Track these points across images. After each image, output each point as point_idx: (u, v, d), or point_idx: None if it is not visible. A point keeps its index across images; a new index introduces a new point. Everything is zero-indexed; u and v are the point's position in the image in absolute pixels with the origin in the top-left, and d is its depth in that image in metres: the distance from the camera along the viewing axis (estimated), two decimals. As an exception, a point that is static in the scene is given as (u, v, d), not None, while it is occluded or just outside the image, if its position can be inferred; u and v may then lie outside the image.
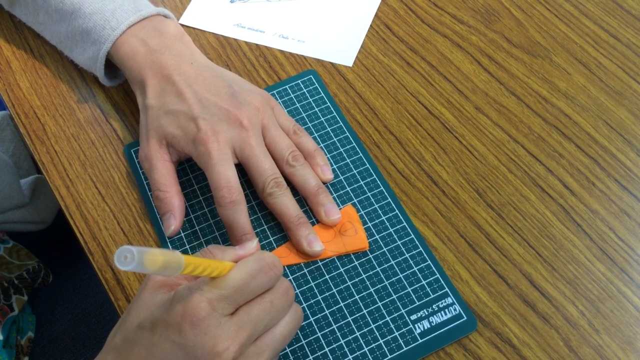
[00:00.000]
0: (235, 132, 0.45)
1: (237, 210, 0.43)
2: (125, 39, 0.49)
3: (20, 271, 0.70)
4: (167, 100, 0.46)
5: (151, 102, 0.47)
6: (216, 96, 0.46)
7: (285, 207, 0.45)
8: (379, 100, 0.54)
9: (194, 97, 0.46)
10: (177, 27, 0.51)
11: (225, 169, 0.43)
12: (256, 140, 0.45)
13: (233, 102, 0.46)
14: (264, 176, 0.45)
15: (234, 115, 0.45)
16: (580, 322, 0.44)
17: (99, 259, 0.47)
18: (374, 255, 0.46)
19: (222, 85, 0.47)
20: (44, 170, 0.51)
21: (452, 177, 0.50)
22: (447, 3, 0.60)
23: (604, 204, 0.48)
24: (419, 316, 0.43)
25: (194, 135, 0.44)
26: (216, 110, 0.45)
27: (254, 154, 0.45)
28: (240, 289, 0.35)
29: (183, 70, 0.47)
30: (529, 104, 0.53)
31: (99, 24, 0.49)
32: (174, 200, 0.45)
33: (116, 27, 0.49)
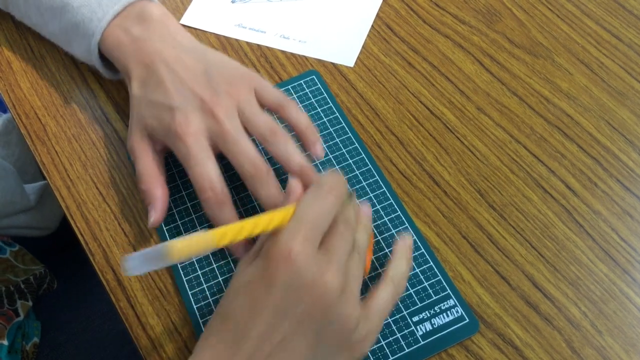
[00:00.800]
0: (208, 122, 0.44)
1: (223, 210, 0.43)
2: (110, 30, 0.49)
3: (26, 276, 0.70)
4: (149, 90, 0.46)
5: (135, 91, 0.47)
6: (194, 82, 0.45)
7: (266, 199, 0.43)
8: (380, 101, 0.54)
9: (172, 85, 0.45)
10: (161, 10, 0.50)
11: (206, 168, 0.43)
12: (231, 125, 0.44)
13: (209, 89, 0.45)
14: (240, 162, 0.43)
15: (207, 104, 0.44)
16: (582, 324, 0.43)
17: (99, 260, 0.47)
18: (375, 257, 0.45)
19: (202, 70, 0.46)
20: (45, 171, 0.51)
21: (454, 177, 0.50)
22: (448, 3, 0.60)
23: (607, 204, 0.48)
24: (421, 318, 0.43)
25: (169, 126, 0.44)
26: (192, 98, 0.45)
27: (228, 140, 0.43)
28: (318, 217, 0.37)
29: (165, 55, 0.47)
30: (530, 104, 0.53)
31: (86, 17, 0.49)
32: (156, 191, 0.45)
33: (102, 18, 0.49)
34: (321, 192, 0.38)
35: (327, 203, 0.38)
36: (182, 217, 0.48)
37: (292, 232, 0.36)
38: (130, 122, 0.47)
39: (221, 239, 0.31)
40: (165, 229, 0.47)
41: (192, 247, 0.29)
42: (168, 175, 0.50)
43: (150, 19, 0.49)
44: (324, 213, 0.37)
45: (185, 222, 0.47)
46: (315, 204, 0.38)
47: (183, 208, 0.48)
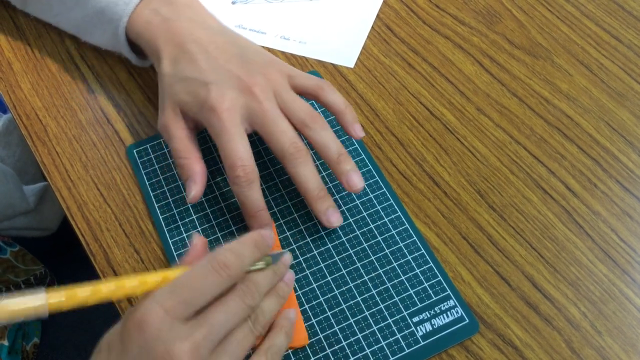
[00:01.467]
0: (246, 100, 0.44)
1: (252, 189, 0.43)
2: (138, 11, 0.48)
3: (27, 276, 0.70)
4: (181, 68, 0.45)
5: (166, 69, 0.46)
6: (228, 62, 0.45)
7: (305, 178, 0.43)
8: (380, 102, 0.54)
9: (206, 63, 0.45)
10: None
11: (239, 145, 0.42)
12: (269, 105, 0.44)
13: (245, 69, 0.45)
14: (281, 142, 0.43)
15: (245, 82, 0.44)
16: (582, 324, 0.44)
17: (100, 261, 0.47)
18: (376, 257, 0.45)
19: (235, 53, 0.46)
20: (46, 172, 0.51)
21: (454, 178, 0.50)
22: (448, 4, 0.60)
23: (606, 205, 0.48)
24: (421, 318, 0.43)
25: (204, 101, 0.43)
26: (228, 76, 0.44)
27: (267, 118, 0.43)
28: (191, 290, 0.34)
29: (196, 36, 0.46)
30: (530, 105, 0.53)
31: (111, 1, 0.49)
32: (194, 166, 0.44)
33: (129, 2, 0.48)
34: (208, 269, 0.35)
35: (210, 282, 0.35)
36: (182, 217, 0.48)
37: (153, 300, 0.34)
38: (161, 101, 0.46)
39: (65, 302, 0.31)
40: (166, 230, 0.47)
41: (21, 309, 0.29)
42: (168, 175, 0.50)
43: (179, 1, 0.48)
44: (203, 290, 0.35)
45: (185, 222, 0.48)
46: (195, 278, 0.35)
47: (184, 209, 0.48)
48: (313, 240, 0.46)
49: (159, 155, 0.51)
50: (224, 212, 0.48)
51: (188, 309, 0.34)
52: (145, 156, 0.51)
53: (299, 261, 0.45)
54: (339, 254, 0.46)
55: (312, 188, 0.44)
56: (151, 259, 0.47)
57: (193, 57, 0.45)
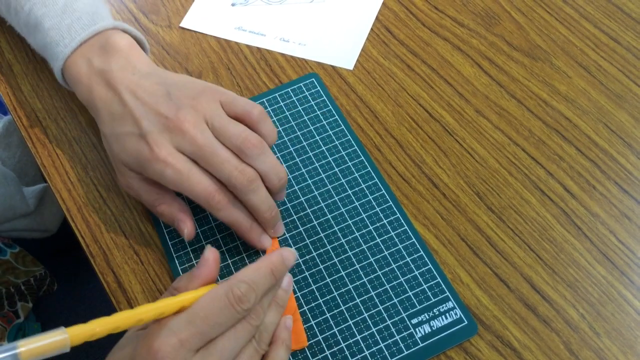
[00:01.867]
0: (180, 139, 0.42)
1: (235, 207, 0.43)
2: (74, 59, 0.48)
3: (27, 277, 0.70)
4: (116, 123, 0.45)
5: (104, 129, 0.46)
6: (155, 104, 0.44)
7: (256, 205, 0.43)
8: (379, 104, 0.54)
9: (136, 111, 0.44)
10: (128, 41, 0.48)
11: (199, 177, 0.42)
12: (203, 137, 0.42)
13: (173, 108, 0.43)
14: (226, 171, 0.42)
15: (173, 122, 0.43)
16: (581, 326, 0.44)
17: (100, 262, 0.47)
18: (375, 259, 0.46)
19: (161, 93, 0.45)
20: (46, 174, 0.52)
21: (453, 180, 0.50)
22: (447, 6, 0.60)
23: (605, 207, 0.49)
24: (419, 320, 0.43)
25: (144, 156, 0.43)
26: (157, 120, 0.43)
27: (205, 152, 0.42)
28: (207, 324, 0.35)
29: (125, 83, 0.45)
30: (529, 107, 0.54)
31: (54, 40, 0.48)
32: (171, 207, 0.45)
33: (68, 44, 0.48)
34: (225, 303, 0.35)
35: (226, 316, 0.35)
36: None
37: (169, 331, 0.34)
38: (112, 161, 0.47)
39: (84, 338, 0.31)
40: (166, 232, 0.47)
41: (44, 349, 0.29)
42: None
43: (114, 50, 0.47)
44: (219, 324, 0.35)
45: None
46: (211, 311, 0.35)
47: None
48: (312, 242, 0.46)
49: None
50: (223, 214, 0.48)
51: (202, 341, 0.35)
52: (145, 158, 0.51)
53: (298, 263, 0.46)
54: (338, 255, 0.46)
55: (265, 210, 0.44)
56: (151, 260, 0.47)
57: (123, 106, 0.44)
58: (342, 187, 0.49)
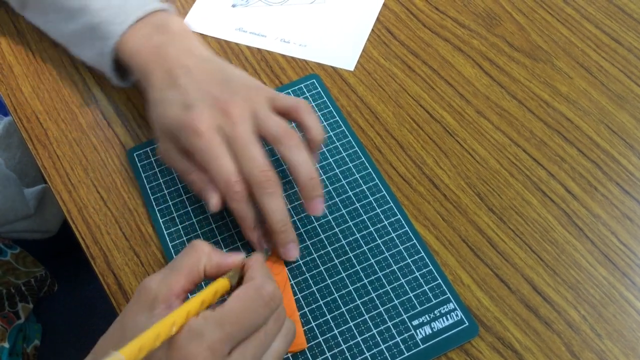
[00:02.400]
0: (223, 121, 0.44)
1: (249, 203, 0.43)
2: (131, 34, 0.49)
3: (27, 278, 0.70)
4: (166, 92, 0.46)
5: (153, 95, 0.47)
6: (210, 85, 0.46)
7: (271, 211, 0.43)
8: (380, 105, 0.54)
9: (189, 86, 0.45)
10: (182, 23, 0.51)
11: (228, 162, 0.43)
12: (243, 128, 0.44)
13: (225, 91, 0.45)
14: (251, 167, 0.43)
15: (222, 103, 0.44)
16: (582, 327, 0.44)
17: (100, 264, 0.47)
18: (375, 260, 0.45)
19: (219, 78, 0.46)
20: (46, 175, 0.51)
21: (454, 181, 0.50)
22: (448, 7, 0.60)
23: (606, 208, 0.48)
24: (420, 321, 0.43)
25: (185, 123, 0.44)
26: (208, 97, 0.45)
27: (240, 143, 0.43)
28: (240, 326, 0.34)
29: (184, 63, 0.47)
30: (530, 107, 0.53)
31: (106, 20, 0.50)
32: (202, 177, 0.45)
33: (123, 22, 0.49)
34: (259, 300, 0.35)
35: (260, 314, 0.35)
36: (182, 221, 0.48)
37: (200, 337, 0.33)
38: (153, 127, 0.47)
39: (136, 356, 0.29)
40: (166, 233, 0.47)
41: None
42: (168, 178, 0.50)
43: (172, 29, 0.49)
44: (250, 324, 0.34)
45: (185, 225, 0.48)
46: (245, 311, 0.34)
47: (184, 212, 0.48)
48: (313, 244, 0.46)
49: (159, 159, 0.51)
50: (223, 216, 0.48)
51: (233, 344, 0.34)
52: (145, 159, 0.51)
53: (299, 264, 0.46)
54: (339, 257, 0.46)
55: (277, 220, 0.43)
56: (151, 262, 0.47)
57: (177, 81, 0.46)
58: (342, 188, 0.49)
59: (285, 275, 0.44)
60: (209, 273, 0.37)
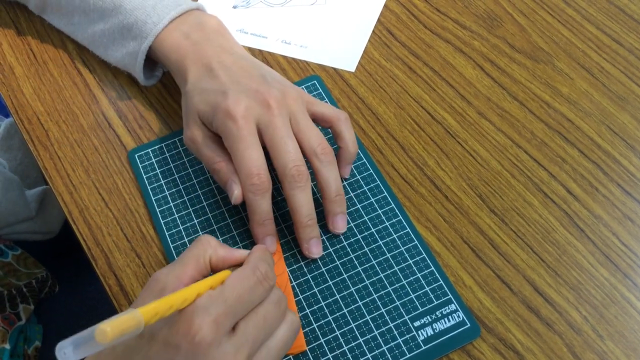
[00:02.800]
0: (261, 111, 0.44)
1: (264, 198, 0.43)
2: (167, 32, 0.50)
3: (29, 279, 0.70)
4: (203, 83, 0.47)
5: (189, 87, 0.47)
6: (249, 79, 0.46)
7: (299, 204, 0.44)
8: (381, 106, 0.54)
9: (227, 78, 0.46)
10: (217, 22, 0.51)
11: (256, 153, 0.43)
12: (282, 121, 0.44)
13: (264, 84, 0.46)
14: (286, 160, 0.43)
15: (262, 95, 0.45)
16: (584, 328, 0.44)
17: (102, 265, 0.47)
18: (377, 262, 0.45)
19: (257, 73, 0.47)
20: (47, 177, 0.51)
21: (455, 182, 0.50)
22: (449, 8, 0.60)
23: (607, 209, 0.48)
24: (422, 322, 0.43)
25: (220, 106, 0.44)
26: (246, 89, 0.45)
27: (277, 135, 0.44)
28: (240, 302, 0.35)
29: (222, 59, 0.48)
30: (531, 109, 0.53)
31: (140, 19, 0.50)
32: (228, 167, 0.45)
33: (158, 22, 0.50)
34: (253, 277, 0.36)
35: (256, 294, 0.36)
36: (183, 222, 0.48)
37: (205, 311, 0.34)
38: (184, 116, 0.48)
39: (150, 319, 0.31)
40: (168, 234, 0.47)
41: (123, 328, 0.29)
42: (169, 180, 0.50)
43: (208, 27, 0.50)
44: (248, 300, 0.35)
45: (187, 227, 0.48)
46: (243, 289, 0.35)
47: (185, 213, 0.48)
48: (314, 245, 0.46)
49: (160, 160, 0.51)
50: (225, 217, 0.48)
51: (234, 320, 0.35)
52: (146, 160, 0.51)
53: (300, 265, 0.46)
54: (340, 258, 0.46)
55: (304, 214, 0.44)
56: (152, 263, 0.47)
57: (215, 73, 0.46)
58: (344, 189, 0.49)
59: (286, 277, 0.44)
60: (214, 265, 0.38)
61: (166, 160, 0.51)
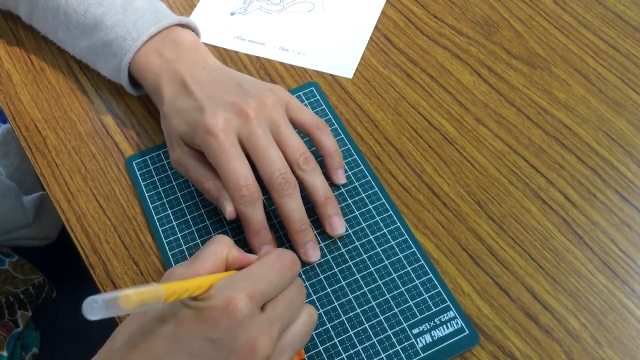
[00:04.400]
0: (241, 122, 0.44)
1: (255, 208, 0.43)
2: (144, 50, 0.50)
3: (25, 286, 0.70)
4: (179, 101, 0.47)
5: (165, 107, 0.47)
6: (224, 92, 0.46)
7: (290, 210, 0.44)
8: (379, 112, 0.54)
9: (202, 93, 0.46)
10: (191, 37, 0.51)
11: (240, 165, 0.43)
12: (262, 130, 0.44)
13: (240, 95, 0.46)
14: (272, 169, 0.44)
15: (239, 106, 0.45)
16: (582, 335, 0.44)
17: (100, 273, 0.47)
18: (375, 269, 0.45)
19: (232, 84, 0.47)
20: (45, 184, 0.51)
21: (453, 189, 0.50)
22: (446, 15, 0.60)
23: (605, 215, 0.48)
24: (420, 330, 0.43)
25: (199, 123, 0.44)
26: (222, 102, 0.45)
27: (260, 145, 0.44)
28: (272, 284, 0.36)
29: (195, 74, 0.48)
30: (528, 115, 0.54)
31: (120, 36, 0.50)
32: (217, 185, 0.45)
33: (137, 38, 0.50)
34: (280, 262, 0.37)
35: (284, 275, 0.37)
36: (181, 229, 0.48)
37: (238, 286, 0.34)
38: (167, 138, 0.48)
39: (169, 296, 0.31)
40: (166, 242, 0.47)
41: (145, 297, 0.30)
42: (167, 187, 0.50)
43: (183, 44, 0.50)
44: (276, 282, 0.36)
45: (185, 234, 0.47)
46: (271, 271, 0.36)
47: (183, 221, 0.48)
48: (312, 252, 0.46)
49: (158, 167, 0.51)
50: (223, 224, 0.48)
51: (264, 299, 0.35)
52: (144, 168, 0.51)
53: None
54: (338, 265, 0.46)
55: (297, 220, 0.44)
56: (150, 271, 0.47)
57: (190, 89, 0.46)
58: (342, 196, 0.49)
59: None
60: (230, 264, 0.39)
61: (164, 168, 0.51)
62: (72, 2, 0.52)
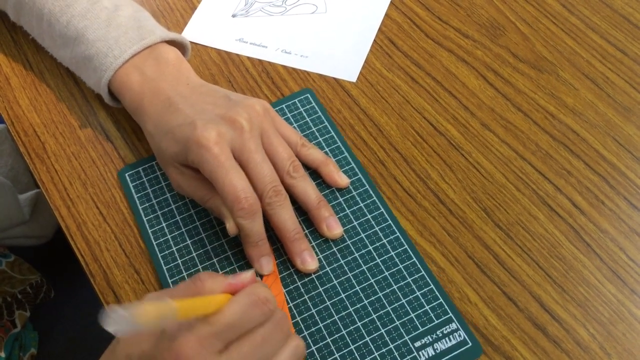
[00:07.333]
0: (234, 134, 0.43)
1: (255, 220, 0.43)
2: (125, 69, 0.48)
3: (23, 286, 0.70)
4: (164, 121, 0.45)
5: (150, 129, 0.46)
6: (213, 105, 0.45)
7: (283, 220, 0.44)
8: (383, 117, 0.53)
9: (190, 109, 0.45)
10: (176, 54, 0.50)
11: (238, 178, 0.42)
12: (255, 143, 0.44)
13: (230, 106, 0.45)
14: (263, 183, 0.43)
15: (230, 117, 0.44)
16: (591, 346, 0.43)
17: (100, 281, 0.46)
18: (375, 280, 0.44)
19: (219, 96, 0.47)
20: (44, 190, 0.51)
21: (459, 195, 0.49)
22: (451, 17, 0.59)
23: (614, 223, 0.47)
24: (423, 343, 0.42)
25: (191, 138, 0.43)
26: (213, 115, 0.44)
27: (252, 158, 0.43)
28: (230, 325, 0.34)
29: (179, 90, 0.47)
30: (536, 120, 0.53)
31: (101, 52, 0.49)
32: (218, 199, 0.44)
33: (118, 56, 0.48)
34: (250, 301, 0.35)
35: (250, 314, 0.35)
36: (176, 243, 0.47)
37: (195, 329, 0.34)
38: (159, 160, 0.47)
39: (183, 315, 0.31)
40: (160, 256, 0.46)
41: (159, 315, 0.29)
42: (161, 199, 0.49)
43: (166, 62, 0.49)
44: (239, 323, 0.35)
45: (180, 248, 0.46)
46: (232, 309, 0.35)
47: (178, 234, 0.47)
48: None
49: (152, 179, 0.50)
50: (219, 237, 0.47)
51: (224, 341, 0.34)
52: (137, 180, 0.50)
53: (297, 285, 0.45)
54: (337, 277, 0.45)
55: (290, 229, 0.44)
56: (152, 279, 0.46)
57: (176, 107, 0.46)
58: (339, 206, 0.48)
59: (283, 298, 0.44)
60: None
61: (157, 179, 0.50)
62: (55, 12, 0.50)
